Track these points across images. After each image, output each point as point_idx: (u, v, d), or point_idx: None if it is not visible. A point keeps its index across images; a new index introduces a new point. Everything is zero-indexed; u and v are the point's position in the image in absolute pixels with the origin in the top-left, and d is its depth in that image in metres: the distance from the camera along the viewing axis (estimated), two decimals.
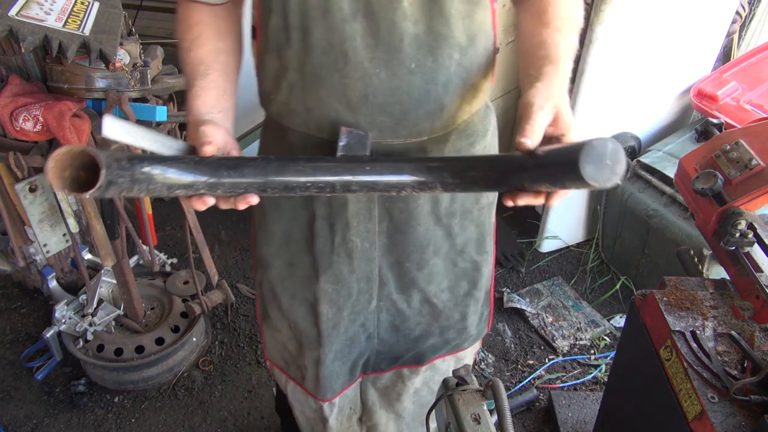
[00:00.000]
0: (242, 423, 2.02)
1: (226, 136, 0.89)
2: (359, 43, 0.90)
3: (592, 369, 2.20)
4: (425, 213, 1.11)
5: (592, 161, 0.70)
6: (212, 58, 0.96)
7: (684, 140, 2.39)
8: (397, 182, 0.86)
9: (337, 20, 0.88)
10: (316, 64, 0.92)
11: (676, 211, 2.21)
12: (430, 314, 1.26)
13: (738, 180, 1.23)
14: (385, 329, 1.27)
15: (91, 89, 1.62)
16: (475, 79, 1.00)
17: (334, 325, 1.20)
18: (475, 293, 1.27)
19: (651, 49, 2.27)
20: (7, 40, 1.59)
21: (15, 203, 1.72)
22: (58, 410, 2.03)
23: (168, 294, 2.17)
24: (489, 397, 1.01)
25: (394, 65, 0.91)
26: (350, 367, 1.32)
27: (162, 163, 0.75)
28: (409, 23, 0.89)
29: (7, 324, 2.33)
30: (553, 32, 0.89)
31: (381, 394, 1.43)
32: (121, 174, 0.69)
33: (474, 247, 1.21)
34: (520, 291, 2.54)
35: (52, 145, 1.61)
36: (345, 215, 1.07)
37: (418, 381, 1.39)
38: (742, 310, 1.21)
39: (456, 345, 1.34)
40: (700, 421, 1.06)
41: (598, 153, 0.70)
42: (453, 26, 0.91)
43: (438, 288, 1.22)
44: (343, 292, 1.17)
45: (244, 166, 0.80)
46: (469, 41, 0.95)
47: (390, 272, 1.18)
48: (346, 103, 0.94)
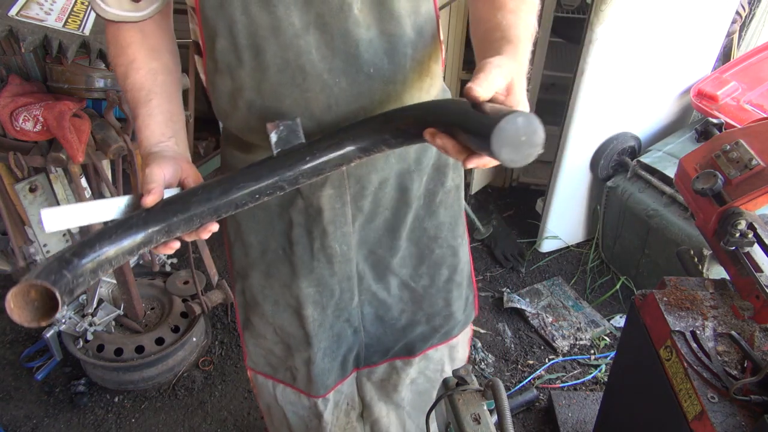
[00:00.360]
0: (242, 423, 2.02)
1: (174, 167, 0.87)
2: (315, 56, 0.89)
3: (592, 369, 2.19)
4: (394, 199, 1.12)
5: (506, 143, 0.65)
6: (151, 81, 0.94)
7: (684, 140, 2.39)
8: (340, 157, 0.84)
9: (290, 36, 0.87)
10: (274, 82, 0.91)
11: (676, 211, 2.21)
12: (411, 300, 1.27)
13: (738, 180, 1.23)
14: (370, 321, 1.28)
15: (91, 89, 1.62)
16: (427, 67, 1.00)
17: (320, 324, 1.22)
18: (456, 278, 1.28)
19: (651, 49, 2.27)
20: (7, 40, 1.59)
21: (15, 203, 1.72)
22: (58, 410, 2.03)
23: (168, 294, 2.17)
24: (489, 397, 1.01)
25: (353, 73, 0.91)
26: (340, 362, 1.33)
27: (110, 238, 0.74)
28: (362, 29, 0.89)
29: (7, 324, 2.33)
30: (508, 14, 0.86)
31: (377, 388, 1.44)
32: (76, 279, 0.70)
33: (449, 232, 1.22)
34: (520, 291, 2.54)
35: (52, 145, 1.61)
36: (321, 222, 1.08)
37: (413, 371, 1.41)
38: (742, 310, 1.21)
39: (446, 333, 1.35)
40: (700, 421, 1.06)
41: (509, 134, 0.65)
42: (403, 24, 0.92)
43: (415, 272, 1.24)
44: (325, 293, 1.18)
45: (191, 201, 0.80)
46: (418, 35, 0.95)
47: (366, 264, 1.19)
48: (309, 116, 0.93)
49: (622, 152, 2.51)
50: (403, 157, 1.09)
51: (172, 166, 0.87)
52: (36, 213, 1.72)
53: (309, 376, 1.29)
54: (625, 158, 2.50)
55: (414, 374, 1.42)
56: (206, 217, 0.81)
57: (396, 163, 1.08)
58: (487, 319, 2.41)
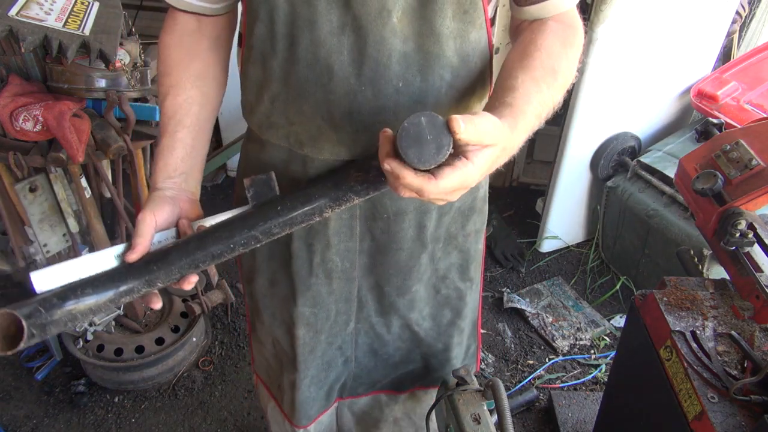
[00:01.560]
0: (242, 423, 2.02)
1: (171, 208, 0.89)
2: (346, 58, 0.86)
3: (592, 369, 2.20)
4: (409, 238, 1.06)
5: (412, 143, 0.66)
6: (184, 111, 0.95)
7: (684, 140, 2.39)
8: (312, 210, 0.86)
9: (325, 32, 0.85)
10: (301, 77, 0.89)
11: (676, 211, 2.21)
12: (411, 341, 1.22)
13: (738, 180, 1.23)
14: (363, 353, 1.23)
15: (91, 89, 1.62)
16: (467, 101, 0.95)
17: (310, 350, 1.17)
18: (459, 323, 1.22)
19: (651, 49, 2.27)
20: (7, 40, 1.59)
21: (15, 203, 1.72)
22: (58, 410, 2.03)
23: (168, 294, 2.17)
24: (489, 397, 1.01)
25: (380, 83, 0.87)
26: (327, 391, 1.28)
27: (94, 288, 0.78)
28: (398, 40, 0.85)
29: None
30: (529, 81, 0.80)
31: (358, 420, 1.39)
32: (50, 317, 0.73)
33: (457, 274, 1.17)
34: (520, 291, 2.54)
35: (52, 145, 1.61)
36: (326, 233, 1.04)
37: (398, 410, 1.35)
38: (742, 310, 1.21)
39: (439, 377, 1.29)
40: (700, 421, 1.06)
41: (413, 133, 0.66)
42: (444, 45, 0.86)
43: (420, 315, 1.18)
44: (321, 314, 1.13)
45: (169, 255, 0.82)
46: (462, 62, 0.89)
47: (370, 294, 1.14)
48: (330, 119, 0.91)
49: (622, 152, 2.51)
50: None
51: (169, 208, 0.88)
52: (36, 213, 1.72)
53: (293, 402, 1.24)
54: (625, 158, 2.50)
55: (398, 413, 1.36)
56: (186, 269, 0.83)
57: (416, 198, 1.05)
58: (487, 319, 2.41)
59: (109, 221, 1.79)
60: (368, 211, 1.03)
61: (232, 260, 2.04)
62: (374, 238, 1.06)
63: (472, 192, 1.08)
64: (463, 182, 0.69)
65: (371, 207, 1.02)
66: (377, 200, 1.00)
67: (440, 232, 1.10)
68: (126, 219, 1.80)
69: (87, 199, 1.72)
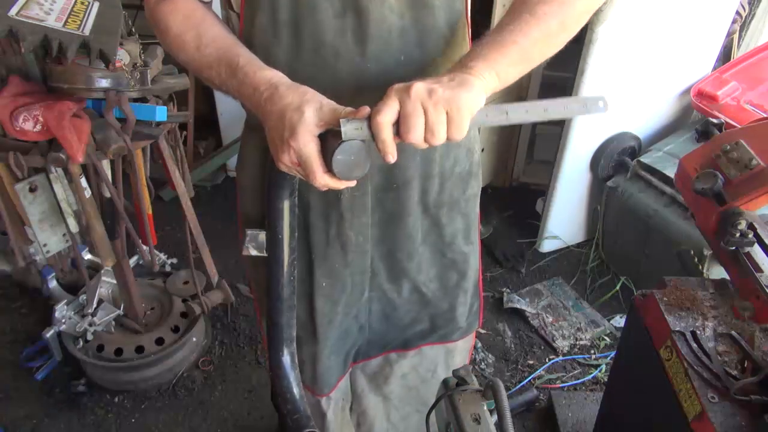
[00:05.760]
0: (242, 423, 2.02)
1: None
2: (350, 39, 0.91)
3: (592, 369, 2.19)
4: (414, 203, 1.12)
5: (342, 165, 0.80)
6: (232, 36, 0.93)
7: (684, 140, 2.39)
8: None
9: (328, 17, 0.90)
10: (308, 61, 0.93)
11: (676, 211, 2.21)
12: (419, 302, 1.28)
13: (738, 180, 1.23)
14: (376, 319, 1.29)
15: (91, 89, 1.62)
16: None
17: (329, 320, 1.22)
18: (464, 284, 1.29)
19: (651, 49, 2.27)
20: (7, 40, 1.59)
21: (15, 203, 1.72)
22: (58, 410, 2.03)
23: (168, 294, 2.17)
24: (489, 397, 1.01)
25: (385, 58, 0.93)
26: (344, 358, 1.34)
27: None
28: (395, 16, 0.92)
29: (7, 324, 2.33)
30: (506, 17, 0.87)
31: (369, 380, 1.45)
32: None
33: (462, 238, 1.23)
34: (520, 291, 2.54)
35: (52, 145, 1.61)
36: (339, 207, 1.08)
37: (405, 365, 1.41)
38: (742, 310, 1.21)
39: (445, 334, 1.36)
40: (700, 421, 1.06)
41: (343, 159, 0.79)
42: (437, 16, 0.94)
43: (427, 277, 1.24)
44: (337, 286, 1.18)
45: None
46: (451, 32, 0.97)
47: (381, 263, 1.19)
48: (337, 100, 0.92)
49: (622, 152, 2.51)
50: (428, 159, 1.08)
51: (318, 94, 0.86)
52: (36, 213, 1.72)
53: (314, 373, 1.29)
54: (625, 158, 2.50)
55: (406, 368, 1.42)
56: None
57: (421, 165, 1.08)
58: (487, 319, 2.41)
59: (109, 221, 1.78)
60: (379, 183, 1.07)
61: (232, 260, 2.06)
62: (385, 209, 1.11)
63: (469, 157, 1.15)
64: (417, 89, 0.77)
65: (383, 178, 1.07)
66: (387, 171, 1.06)
67: (443, 198, 1.15)
68: (126, 219, 1.80)
69: (87, 199, 1.72)
